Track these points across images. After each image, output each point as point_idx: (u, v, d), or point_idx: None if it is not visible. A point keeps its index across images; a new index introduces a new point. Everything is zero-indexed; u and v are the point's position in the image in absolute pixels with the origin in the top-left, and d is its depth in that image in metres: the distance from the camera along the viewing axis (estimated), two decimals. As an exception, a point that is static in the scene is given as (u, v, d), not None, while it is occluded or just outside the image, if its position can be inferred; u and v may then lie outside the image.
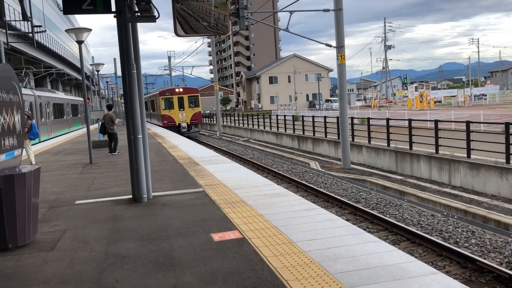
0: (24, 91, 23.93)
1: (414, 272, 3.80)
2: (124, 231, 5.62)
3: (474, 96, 68.53)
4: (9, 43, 23.49)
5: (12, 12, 28.04)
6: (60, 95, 36.60)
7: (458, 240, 8.03)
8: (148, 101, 41.72)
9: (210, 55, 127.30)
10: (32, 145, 15.39)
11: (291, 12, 18.66)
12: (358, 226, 7.30)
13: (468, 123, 13.40)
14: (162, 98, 32.60)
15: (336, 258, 4.21)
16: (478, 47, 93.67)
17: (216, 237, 5.09)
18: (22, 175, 5.10)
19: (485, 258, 7.01)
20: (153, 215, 6.37)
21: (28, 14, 21.75)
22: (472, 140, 13.23)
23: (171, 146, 16.53)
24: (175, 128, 31.41)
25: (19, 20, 26.79)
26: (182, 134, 29.12)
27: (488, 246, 7.66)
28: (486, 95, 66.50)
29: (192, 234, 5.28)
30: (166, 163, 12.01)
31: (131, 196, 7.48)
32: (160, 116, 32.91)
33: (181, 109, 32.42)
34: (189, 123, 32.51)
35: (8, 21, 23.08)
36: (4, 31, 24.35)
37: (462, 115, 29.46)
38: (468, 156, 13.17)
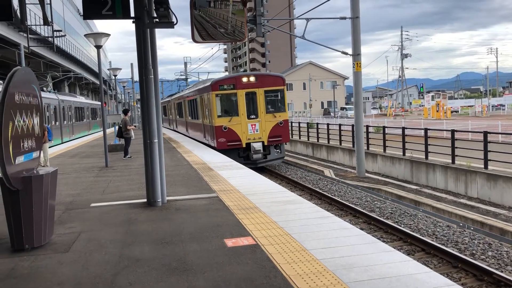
0: (49, 95, 24.58)
1: (430, 284, 3.75)
2: (138, 234, 5.66)
3: (492, 106, 67.59)
4: (30, 47, 23.97)
5: (33, 16, 28.59)
6: (81, 99, 37.38)
7: (474, 252, 7.90)
8: (183, 102, 26.15)
9: (225, 61, 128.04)
10: (49, 147, 15.63)
11: (307, 19, 18.66)
12: (372, 235, 7.22)
13: (485, 133, 13.21)
14: (216, 95, 17.74)
15: (350, 267, 4.18)
16: (496, 57, 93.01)
17: (230, 242, 5.09)
18: (40, 177, 5.18)
19: (502, 271, 6.89)
20: (167, 219, 6.41)
21: (49, 19, 22.20)
22: (490, 151, 13.03)
23: (186, 151, 16.61)
24: (241, 151, 17.75)
25: (40, 25, 27.29)
26: (255, 163, 17.50)
27: (506, 259, 7.52)
28: (504, 106, 65.54)
29: (205, 239, 5.29)
30: (180, 167, 12.07)
31: (145, 200, 7.53)
32: (213, 130, 17.91)
33: (253, 116, 17.72)
34: (266, 143, 17.79)
35: (29, 25, 23.53)
36: (25, 35, 24.88)
37: (480, 125, 29.05)
38: (486, 167, 12.96)
